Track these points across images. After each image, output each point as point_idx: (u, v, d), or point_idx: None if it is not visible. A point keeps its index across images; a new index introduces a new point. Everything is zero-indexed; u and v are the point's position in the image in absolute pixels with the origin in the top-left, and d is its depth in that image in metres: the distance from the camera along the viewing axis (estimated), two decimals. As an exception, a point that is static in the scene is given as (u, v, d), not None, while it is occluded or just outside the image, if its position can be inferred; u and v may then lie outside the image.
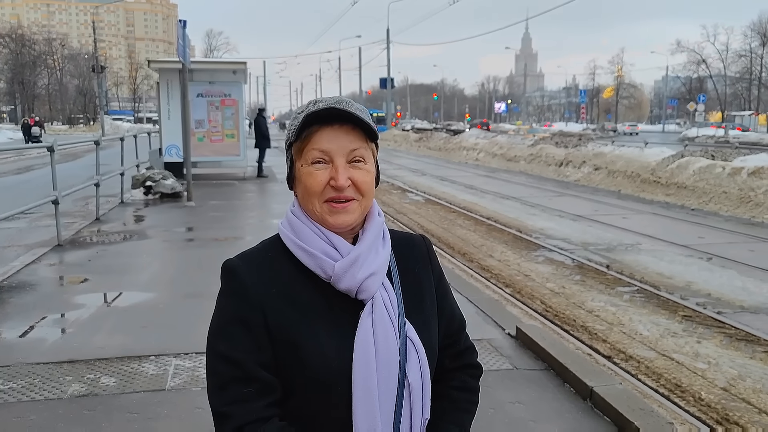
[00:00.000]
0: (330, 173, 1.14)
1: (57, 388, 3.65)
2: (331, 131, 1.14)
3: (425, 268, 1.29)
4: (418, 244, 1.32)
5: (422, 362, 1.17)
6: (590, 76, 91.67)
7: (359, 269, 1.14)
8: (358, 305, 1.15)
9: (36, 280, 6.05)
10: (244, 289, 1.14)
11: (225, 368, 1.12)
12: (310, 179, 1.14)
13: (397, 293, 1.20)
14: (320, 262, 1.14)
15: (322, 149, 1.14)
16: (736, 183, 12.31)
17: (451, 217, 11.13)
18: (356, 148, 1.15)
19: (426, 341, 1.19)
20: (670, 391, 4.11)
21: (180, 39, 11.53)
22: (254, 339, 1.12)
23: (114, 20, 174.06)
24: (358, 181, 1.15)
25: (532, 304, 6.02)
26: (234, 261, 1.18)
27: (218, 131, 15.71)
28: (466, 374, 1.33)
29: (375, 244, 1.19)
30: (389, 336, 1.14)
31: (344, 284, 1.13)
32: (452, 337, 1.31)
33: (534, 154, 21.35)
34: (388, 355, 1.13)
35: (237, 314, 1.13)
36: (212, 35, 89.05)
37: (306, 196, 1.16)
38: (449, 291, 1.34)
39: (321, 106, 1.14)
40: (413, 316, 1.20)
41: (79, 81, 78.87)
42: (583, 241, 8.92)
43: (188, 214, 10.37)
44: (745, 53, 64.73)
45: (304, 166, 1.16)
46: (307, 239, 1.16)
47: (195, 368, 3.94)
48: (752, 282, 6.70)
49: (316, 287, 1.15)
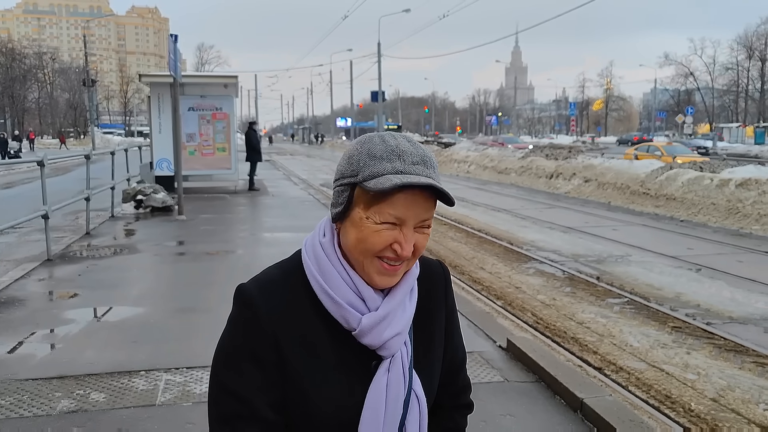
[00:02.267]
0: (395, 236, 1.06)
1: (46, 405, 3.62)
2: (411, 197, 1.05)
3: (439, 306, 1.25)
4: (436, 275, 1.27)
5: (422, 415, 1.15)
6: (580, 88, 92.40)
7: (386, 328, 1.09)
8: (374, 356, 1.12)
9: (25, 295, 6.01)
10: (259, 321, 1.08)
11: (230, 403, 1.08)
12: (375, 237, 1.06)
13: (411, 341, 1.16)
14: (345, 314, 1.08)
15: (398, 216, 1.05)
16: (724, 194, 12.43)
17: (442, 230, 11.16)
18: (428, 218, 1.09)
19: (429, 393, 1.18)
20: (660, 402, 4.13)
21: (171, 53, 11.56)
22: (264, 376, 1.08)
23: (105, 34, 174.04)
24: (418, 247, 1.09)
25: (523, 316, 6.04)
26: (250, 288, 1.11)
27: (209, 145, 15.70)
28: (458, 414, 1.32)
29: (404, 299, 1.14)
30: (400, 392, 1.12)
31: (368, 340, 1.09)
32: (452, 375, 1.30)
33: (524, 167, 21.47)
34: (395, 412, 1.11)
35: (248, 347, 1.08)
36: (203, 49, 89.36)
37: (360, 249, 1.08)
38: (458, 329, 1.31)
39: (416, 180, 1.04)
40: (421, 364, 1.18)
41: (69, 95, 78.70)
42: (573, 252, 8.96)
43: (179, 227, 10.35)
44: (731, 66, 65.62)
45: (371, 219, 1.06)
46: (334, 285, 1.09)
47: (186, 383, 3.93)
48: (741, 293, 6.76)
49: (335, 333, 1.10)
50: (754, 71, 64.76)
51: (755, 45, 63.09)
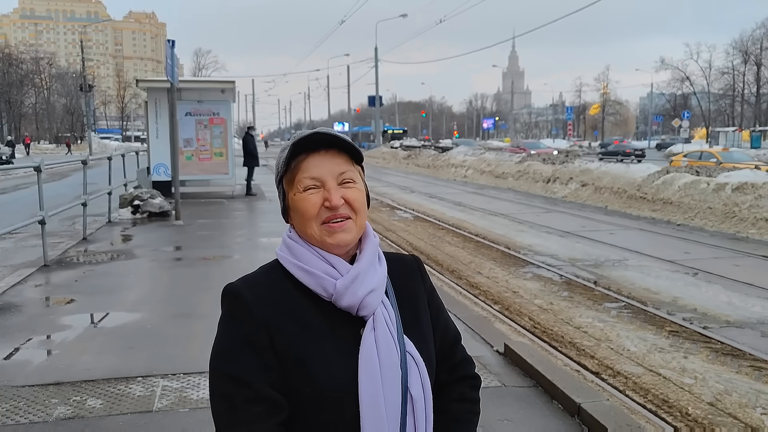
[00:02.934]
0: (323, 195, 1.17)
1: (42, 411, 3.61)
2: (318, 157, 1.19)
3: (418, 286, 1.32)
4: (410, 264, 1.35)
5: (423, 376, 1.19)
6: (576, 93, 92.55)
7: (360, 286, 1.16)
8: (359, 322, 1.18)
9: (22, 301, 6.00)
10: (248, 310, 1.15)
11: (234, 389, 1.12)
12: (304, 203, 1.18)
13: (395, 310, 1.23)
14: (321, 281, 1.17)
15: (312, 176, 1.18)
16: (721, 198, 12.46)
17: (439, 234, 11.17)
18: (345, 171, 1.19)
19: (425, 355, 1.22)
20: (658, 406, 4.13)
21: (168, 58, 11.57)
22: (262, 359, 1.13)
23: (102, 39, 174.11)
24: (350, 199, 1.18)
25: (520, 320, 6.04)
26: (236, 284, 1.20)
27: (207, 150, 15.71)
28: (464, 386, 1.34)
29: (373, 263, 1.22)
30: (392, 351, 1.16)
31: (346, 301, 1.16)
32: (448, 351, 1.33)
33: (522, 171, 21.51)
34: (391, 370, 1.15)
35: (243, 336, 1.14)
36: (201, 54, 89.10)
37: (303, 222, 1.19)
38: (442, 306, 1.36)
39: (300, 135, 1.19)
40: (411, 332, 1.22)
41: (66, 100, 78.58)
42: (570, 257, 8.97)
43: (176, 233, 10.33)
44: (727, 71, 65.81)
45: (297, 194, 1.19)
46: (306, 260, 1.19)
47: (183, 389, 3.92)
48: (737, 297, 6.77)
49: (318, 306, 1.17)
50: (750, 75, 64.99)
51: (751, 49, 63.33)
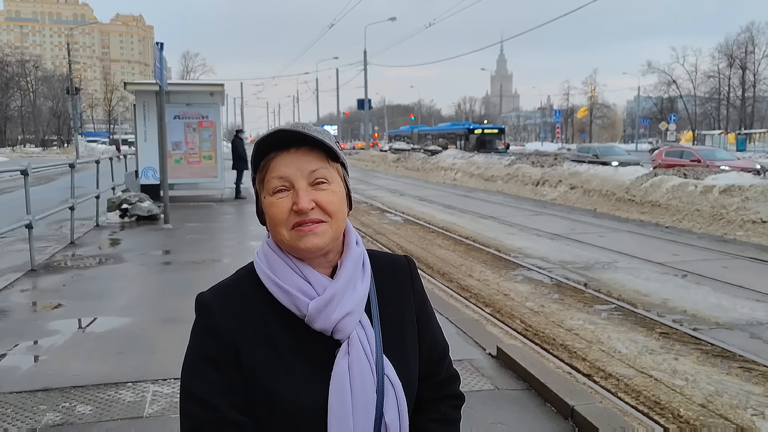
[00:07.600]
0: (291, 199, 1.09)
1: (31, 418, 3.56)
2: (287, 156, 1.11)
3: (407, 295, 1.25)
4: (401, 267, 1.27)
5: (400, 400, 1.13)
6: (564, 96, 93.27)
7: (334, 309, 1.09)
8: (334, 343, 1.11)
9: (8, 306, 5.92)
10: (217, 327, 1.10)
11: (198, 410, 1.08)
12: (272, 209, 1.11)
13: (375, 328, 1.15)
14: (295, 300, 1.10)
15: (280, 176, 1.10)
16: (708, 201, 12.56)
17: (429, 237, 11.17)
18: (316, 169, 1.11)
19: (404, 377, 1.15)
20: (650, 408, 4.14)
21: (157, 61, 11.50)
22: (227, 379, 1.08)
23: (89, 42, 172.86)
24: (322, 203, 1.10)
25: (512, 323, 6.04)
26: (207, 296, 1.14)
27: (195, 153, 15.61)
28: (446, 405, 1.28)
29: (353, 279, 1.14)
30: (366, 376, 1.10)
31: (318, 324, 1.09)
32: (433, 366, 1.27)
33: (511, 174, 21.57)
34: (364, 396, 1.09)
35: (209, 353, 1.10)
36: (189, 57, 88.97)
37: (273, 227, 1.12)
38: (432, 317, 1.29)
39: (266, 132, 1.13)
40: (392, 351, 1.16)
41: (53, 103, 77.93)
42: (560, 259, 9.00)
43: (165, 236, 10.26)
44: (713, 74, 66.49)
45: (267, 197, 1.12)
46: (281, 274, 1.12)
47: (173, 395, 3.88)
48: (726, 298, 6.81)
49: (291, 324, 1.11)
50: (735, 79, 65.71)
51: (736, 53, 64.06)
